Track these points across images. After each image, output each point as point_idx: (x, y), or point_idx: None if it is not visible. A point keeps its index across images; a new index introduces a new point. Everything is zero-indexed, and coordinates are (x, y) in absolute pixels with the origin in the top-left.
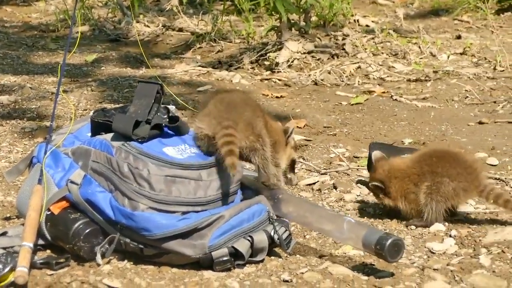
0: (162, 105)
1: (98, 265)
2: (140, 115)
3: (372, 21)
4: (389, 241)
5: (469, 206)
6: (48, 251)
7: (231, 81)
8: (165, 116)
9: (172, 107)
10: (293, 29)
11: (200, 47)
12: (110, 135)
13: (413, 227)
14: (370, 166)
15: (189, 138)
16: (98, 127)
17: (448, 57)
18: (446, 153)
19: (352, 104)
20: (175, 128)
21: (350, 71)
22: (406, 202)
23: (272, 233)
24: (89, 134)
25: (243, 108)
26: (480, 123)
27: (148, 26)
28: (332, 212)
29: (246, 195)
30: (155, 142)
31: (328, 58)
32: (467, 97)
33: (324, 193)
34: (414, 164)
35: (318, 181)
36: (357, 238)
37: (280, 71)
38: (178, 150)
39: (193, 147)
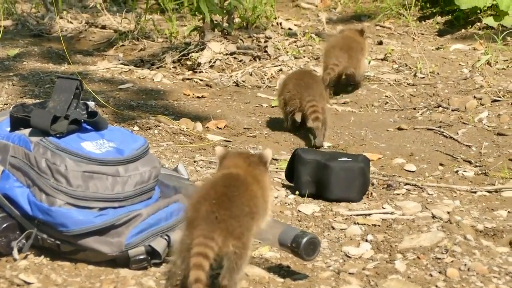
0: (81, 101)
1: (15, 260)
2: (59, 110)
3: (295, 25)
4: (305, 239)
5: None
6: None
7: (153, 79)
8: (84, 112)
9: (91, 103)
10: (216, 30)
11: (122, 45)
12: (29, 130)
13: (330, 231)
14: (291, 174)
15: (107, 132)
16: (17, 122)
17: (369, 62)
18: None
19: (273, 106)
20: (93, 123)
21: (272, 74)
22: None
23: None
24: (9, 129)
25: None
26: (399, 129)
27: (71, 23)
28: None
29: (165, 193)
30: (73, 137)
31: (250, 60)
32: (387, 102)
33: None
34: None
35: None
36: (273, 236)
37: (202, 72)
38: (96, 144)
39: (111, 142)
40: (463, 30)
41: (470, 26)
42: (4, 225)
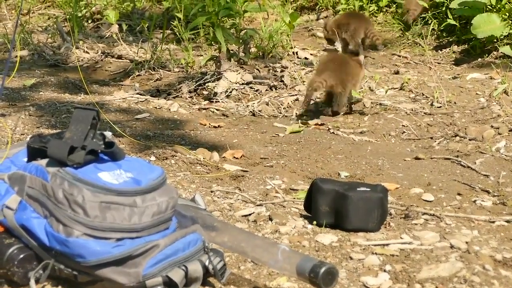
0: (98, 131)
1: None
2: (76, 141)
3: (311, 54)
4: (323, 268)
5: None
6: None
7: (169, 109)
8: (101, 142)
9: (108, 133)
10: (232, 59)
11: (139, 75)
12: (46, 160)
13: (348, 261)
14: (309, 204)
15: (124, 163)
16: (34, 153)
17: (386, 92)
18: None
19: (290, 133)
20: (111, 154)
21: (288, 103)
22: None
23: (206, 263)
24: (26, 159)
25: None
26: (417, 158)
27: (88, 52)
28: (267, 240)
29: (182, 223)
30: (91, 168)
31: (266, 90)
32: (404, 132)
33: (260, 224)
34: None
35: (253, 213)
36: (291, 267)
37: (218, 101)
38: (113, 175)
39: (128, 172)
40: (479, 59)
41: (486, 55)
42: (21, 256)
